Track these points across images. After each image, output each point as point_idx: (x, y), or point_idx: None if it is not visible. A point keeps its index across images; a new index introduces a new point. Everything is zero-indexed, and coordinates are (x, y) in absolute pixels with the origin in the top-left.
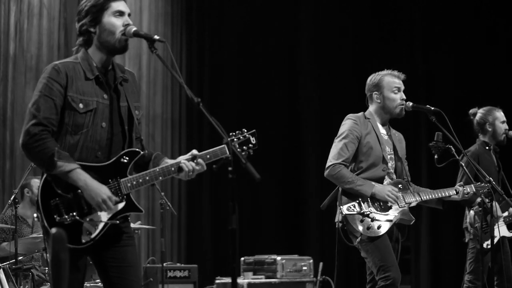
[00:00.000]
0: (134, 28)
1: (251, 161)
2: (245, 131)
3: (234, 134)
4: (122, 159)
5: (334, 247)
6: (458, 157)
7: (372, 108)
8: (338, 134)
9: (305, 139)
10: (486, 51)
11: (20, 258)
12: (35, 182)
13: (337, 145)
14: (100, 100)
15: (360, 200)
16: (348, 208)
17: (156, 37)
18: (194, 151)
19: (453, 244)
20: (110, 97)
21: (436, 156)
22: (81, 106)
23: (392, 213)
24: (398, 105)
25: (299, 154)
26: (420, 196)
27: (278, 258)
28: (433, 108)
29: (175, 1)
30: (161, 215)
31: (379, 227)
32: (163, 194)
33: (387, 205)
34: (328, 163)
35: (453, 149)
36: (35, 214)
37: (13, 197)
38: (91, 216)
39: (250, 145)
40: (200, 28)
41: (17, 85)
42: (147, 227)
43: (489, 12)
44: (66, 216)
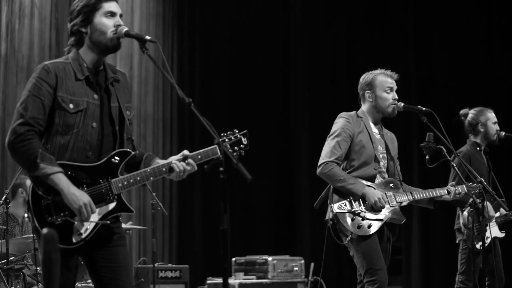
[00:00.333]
0: (126, 29)
1: (243, 161)
2: (236, 131)
3: (226, 134)
4: (113, 159)
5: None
6: (449, 158)
7: (364, 107)
8: (331, 132)
9: (297, 139)
10: (478, 52)
11: (11, 258)
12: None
13: (330, 143)
14: (90, 100)
15: (352, 198)
16: (339, 207)
17: (148, 37)
18: (185, 152)
19: (444, 245)
20: (100, 98)
21: (427, 157)
22: (71, 106)
23: (383, 212)
24: (390, 105)
25: (291, 154)
26: (412, 195)
27: (269, 258)
28: (424, 109)
29: (166, 2)
30: (152, 215)
31: (369, 226)
32: (154, 194)
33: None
34: (321, 161)
35: (444, 149)
36: (25, 214)
37: (4, 197)
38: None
39: (241, 145)
40: (191, 29)
41: (8, 85)
42: (138, 227)
43: (482, 14)
44: (57, 216)
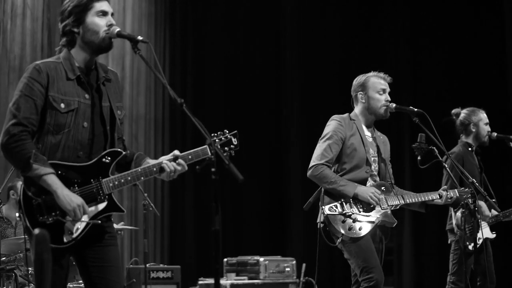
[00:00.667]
0: (118, 29)
1: (234, 162)
2: (226, 132)
3: (216, 135)
4: (104, 159)
5: (316, 248)
6: (441, 159)
7: (357, 109)
8: (323, 135)
9: (289, 140)
10: (470, 53)
11: (3, 258)
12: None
13: (321, 145)
14: (81, 100)
15: (343, 200)
16: (330, 209)
17: (140, 37)
18: (176, 152)
19: (436, 245)
20: (92, 97)
21: (419, 158)
22: (62, 106)
23: (374, 215)
24: (383, 106)
25: (282, 155)
26: (403, 199)
27: (261, 259)
28: (416, 110)
29: (158, 2)
30: (144, 216)
31: (360, 228)
32: (146, 195)
33: (369, 207)
34: (311, 164)
35: (436, 150)
36: (17, 214)
37: None
38: None
39: (231, 146)
40: (183, 29)
41: (0, 85)
42: (130, 228)
43: (475, 14)
44: (48, 216)
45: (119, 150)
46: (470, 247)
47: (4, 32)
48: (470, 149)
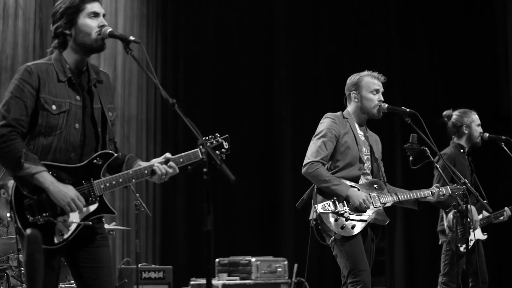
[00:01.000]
0: (110, 29)
1: (226, 162)
2: (218, 135)
3: (207, 138)
4: (95, 160)
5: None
6: (433, 159)
7: (350, 108)
8: (316, 132)
9: (280, 140)
10: (462, 54)
11: None
12: (11, 183)
13: (315, 143)
14: (72, 101)
15: (335, 199)
16: (323, 207)
17: (132, 38)
18: (168, 154)
19: (427, 246)
20: (83, 99)
21: (411, 158)
22: (54, 107)
23: (366, 213)
24: (376, 106)
25: (274, 155)
26: (396, 196)
27: (253, 259)
28: (408, 110)
29: (150, 3)
30: (136, 216)
31: (353, 227)
32: (138, 195)
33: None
34: (306, 161)
35: (428, 150)
36: (8, 214)
37: None
38: (64, 216)
39: (223, 149)
40: (175, 30)
41: None
42: (122, 228)
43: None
44: (39, 216)
45: (110, 152)
46: (461, 248)
47: None
48: (462, 150)
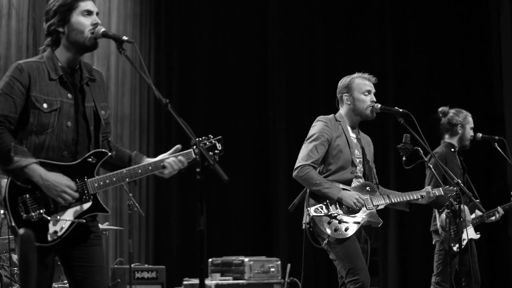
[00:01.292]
0: (103, 29)
1: (220, 162)
2: (211, 136)
3: (200, 139)
4: (89, 159)
5: (302, 248)
6: (426, 159)
7: (342, 111)
8: (309, 136)
9: (274, 141)
10: (456, 53)
11: None
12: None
13: (307, 146)
14: (64, 100)
15: (328, 202)
16: (316, 210)
17: (125, 37)
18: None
19: (420, 246)
20: (75, 97)
21: (404, 158)
22: (45, 106)
23: (359, 215)
24: (368, 107)
25: (268, 155)
26: (388, 199)
27: (246, 259)
28: (401, 110)
29: (144, 2)
30: (129, 216)
31: (346, 229)
32: (131, 195)
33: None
34: (297, 164)
35: (421, 151)
36: (1, 211)
37: None
38: (57, 214)
39: (216, 151)
40: (169, 30)
41: None
42: (115, 228)
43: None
44: (33, 214)
45: (104, 151)
46: (454, 248)
47: None
48: (453, 150)
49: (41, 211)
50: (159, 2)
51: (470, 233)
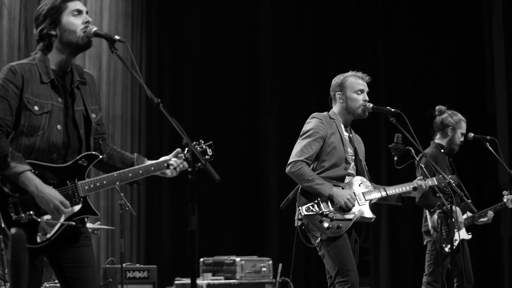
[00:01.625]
0: (95, 28)
1: (211, 162)
2: (202, 142)
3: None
4: (80, 161)
5: (293, 248)
6: (417, 159)
7: (335, 109)
8: (303, 132)
9: (265, 140)
10: (448, 53)
11: None
12: None
13: (301, 142)
14: (54, 103)
15: (319, 200)
16: (307, 209)
17: (117, 37)
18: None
19: (412, 246)
20: (65, 101)
21: (395, 158)
22: (36, 108)
23: (352, 212)
24: (360, 106)
25: (259, 154)
26: (384, 191)
27: (237, 259)
28: (393, 110)
29: (135, 2)
30: (120, 215)
31: (338, 227)
32: (122, 194)
33: None
34: (291, 160)
35: (412, 150)
36: None
37: None
38: (47, 216)
39: (206, 156)
40: (160, 29)
41: None
42: (106, 227)
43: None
44: (23, 215)
45: (95, 153)
46: (446, 249)
47: None
48: (442, 150)
49: (31, 212)
50: (150, 1)
51: (462, 234)
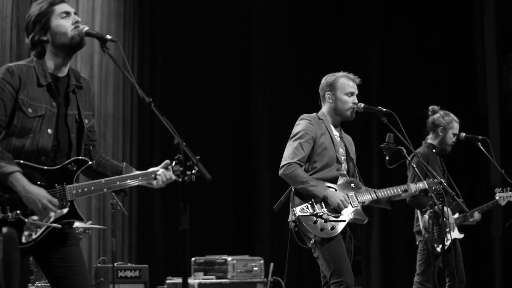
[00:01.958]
0: (86, 28)
1: (202, 161)
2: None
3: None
4: (69, 165)
5: (285, 247)
6: (409, 158)
7: (324, 109)
8: (293, 134)
9: (257, 140)
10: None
11: None
12: None
13: (292, 144)
14: (48, 107)
15: (313, 201)
16: (301, 210)
17: (108, 36)
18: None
19: (404, 246)
20: (58, 105)
21: (387, 158)
22: (30, 110)
23: (345, 213)
24: (349, 108)
25: (251, 154)
26: (375, 194)
27: (229, 258)
28: (384, 110)
29: (127, 2)
30: (112, 215)
31: (332, 228)
32: (114, 194)
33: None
34: (283, 162)
35: (404, 150)
36: None
37: None
38: (34, 216)
39: (193, 171)
40: (152, 29)
41: None
42: (98, 227)
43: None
44: (10, 214)
45: (85, 159)
46: (438, 249)
47: None
48: (434, 150)
49: (18, 211)
50: (142, 1)
51: (454, 233)
